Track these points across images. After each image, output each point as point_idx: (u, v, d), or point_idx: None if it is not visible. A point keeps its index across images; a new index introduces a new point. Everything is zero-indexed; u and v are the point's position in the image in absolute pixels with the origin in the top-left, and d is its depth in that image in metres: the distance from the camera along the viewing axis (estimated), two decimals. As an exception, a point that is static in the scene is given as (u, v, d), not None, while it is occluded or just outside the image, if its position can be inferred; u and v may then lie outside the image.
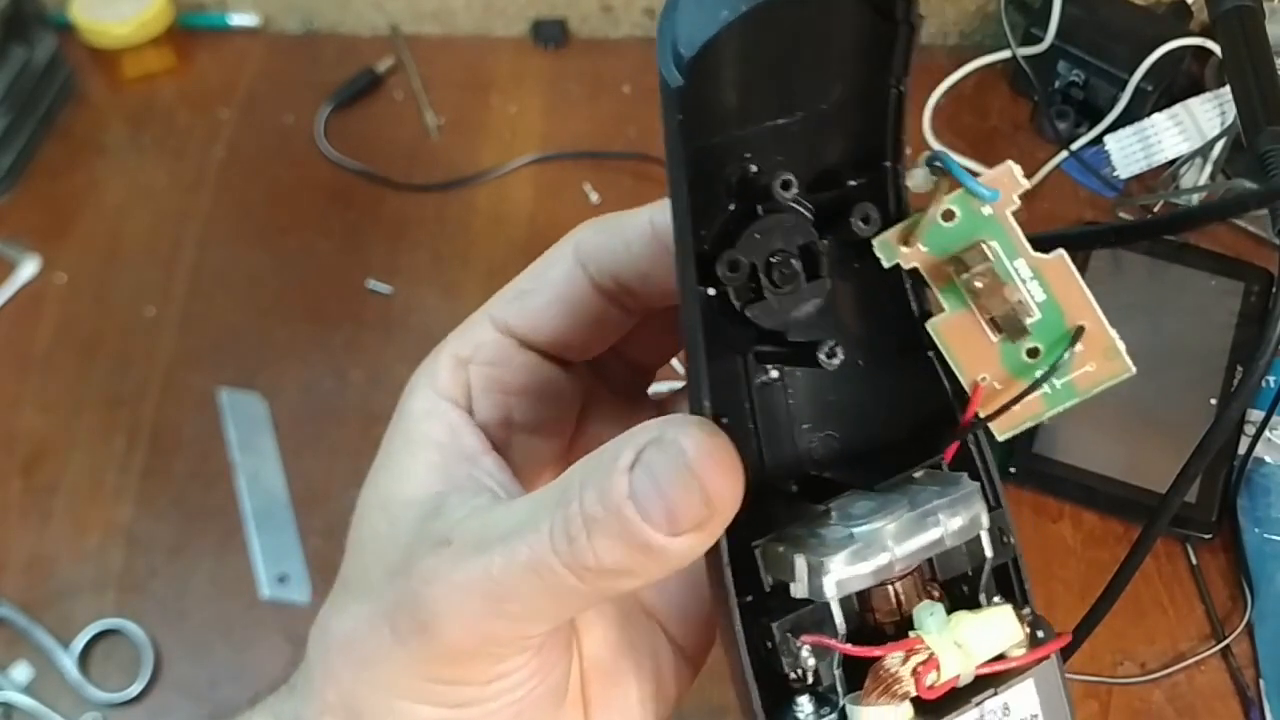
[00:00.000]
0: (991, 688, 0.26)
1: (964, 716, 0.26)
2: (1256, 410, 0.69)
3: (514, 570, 0.25)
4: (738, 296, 0.27)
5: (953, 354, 0.27)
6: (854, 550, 0.25)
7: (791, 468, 0.29)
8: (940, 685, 0.25)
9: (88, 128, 0.88)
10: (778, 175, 0.26)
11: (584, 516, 0.24)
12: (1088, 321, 0.25)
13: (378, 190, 0.84)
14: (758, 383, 0.28)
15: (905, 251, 0.26)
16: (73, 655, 0.64)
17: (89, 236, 0.82)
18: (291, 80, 0.91)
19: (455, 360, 0.31)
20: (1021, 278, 0.25)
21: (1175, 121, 0.79)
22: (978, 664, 0.26)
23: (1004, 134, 0.87)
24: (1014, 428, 0.27)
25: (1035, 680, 0.26)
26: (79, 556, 0.68)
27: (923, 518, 0.26)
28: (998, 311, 0.26)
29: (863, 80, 0.27)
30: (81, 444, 0.73)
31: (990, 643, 0.26)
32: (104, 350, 0.77)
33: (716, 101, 0.25)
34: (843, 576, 0.25)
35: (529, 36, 0.93)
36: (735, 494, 0.24)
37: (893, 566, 0.25)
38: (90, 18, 0.89)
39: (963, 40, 0.93)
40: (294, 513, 0.70)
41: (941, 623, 0.26)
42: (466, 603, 0.26)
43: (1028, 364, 0.26)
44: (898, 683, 0.25)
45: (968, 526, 0.26)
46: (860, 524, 0.26)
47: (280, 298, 0.79)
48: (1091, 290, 0.25)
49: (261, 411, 0.74)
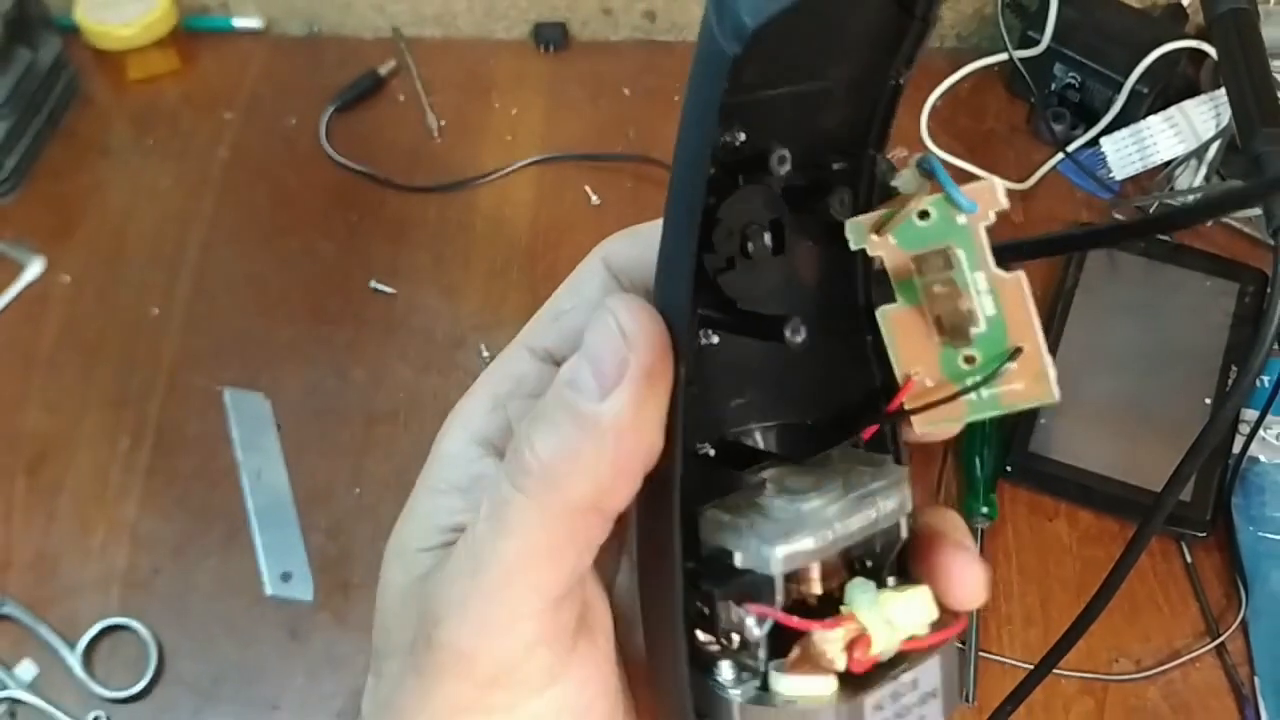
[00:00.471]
0: (906, 663, 0.27)
1: (882, 689, 0.26)
2: (1251, 410, 0.69)
3: (485, 533, 0.26)
4: (713, 264, 0.27)
5: (894, 344, 0.28)
6: (802, 526, 0.26)
7: (711, 431, 0.29)
8: (868, 660, 0.26)
9: (92, 129, 0.89)
10: (774, 149, 0.26)
11: (525, 431, 0.25)
12: (1028, 344, 0.26)
13: (380, 191, 0.85)
14: (699, 345, 0.29)
15: (874, 240, 0.27)
16: (77, 653, 0.64)
17: (93, 237, 0.83)
18: (295, 82, 0.91)
19: (493, 399, 0.30)
20: (978, 289, 0.26)
21: (1171, 123, 0.80)
22: (901, 641, 0.26)
23: (1000, 136, 0.87)
24: (934, 426, 0.28)
25: (941, 659, 0.27)
26: (84, 555, 0.69)
27: (861, 499, 0.27)
28: (947, 316, 0.26)
29: (866, 67, 0.27)
30: (86, 443, 0.73)
31: (913, 621, 0.27)
32: (108, 350, 0.77)
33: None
34: (791, 551, 0.26)
35: (530, 39, 0.94)
36: (656, 336, 0.25)
37: (835, 545, 0.26)
38: (95, 20, 0.89)
39: (960, 43, 0.93)
40: (297, 511, 0.70)
41: (872, 600, 0.27)
42: (466, 601, 0.26)
43: (962, 370, 0.27)
44: (828, 656, 0.26)
45: (896, 509, 0.27)
46: (803, 501, 0.27)
47: (283, 298, 0.80)
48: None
49: (265, 411, 0.74)
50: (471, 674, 0.26)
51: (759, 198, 0.27)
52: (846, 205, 0.27)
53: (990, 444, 0.69)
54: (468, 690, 0.27)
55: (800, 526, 0.26)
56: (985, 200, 0.26)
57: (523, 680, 0.27)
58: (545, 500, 0.25)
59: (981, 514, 0.67)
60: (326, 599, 0.67)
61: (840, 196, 0.27)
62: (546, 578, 0.26)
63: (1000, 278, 0.26)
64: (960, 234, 0.26)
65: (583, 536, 0.26)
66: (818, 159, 0.28)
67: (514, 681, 0.27)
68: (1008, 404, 0.26)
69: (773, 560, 0.26)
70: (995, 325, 0.26)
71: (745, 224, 0.27)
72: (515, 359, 0.30)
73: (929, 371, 0.27)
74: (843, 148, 0.28)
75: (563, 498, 0.25)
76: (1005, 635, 0.65)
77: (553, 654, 0.27)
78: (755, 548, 0.26)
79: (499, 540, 0.26)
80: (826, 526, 0.26)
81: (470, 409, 0.30)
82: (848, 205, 0.27)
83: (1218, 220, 0.80)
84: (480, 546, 0.26)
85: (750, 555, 0.26)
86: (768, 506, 0.27)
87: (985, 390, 0.27)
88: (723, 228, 0.27)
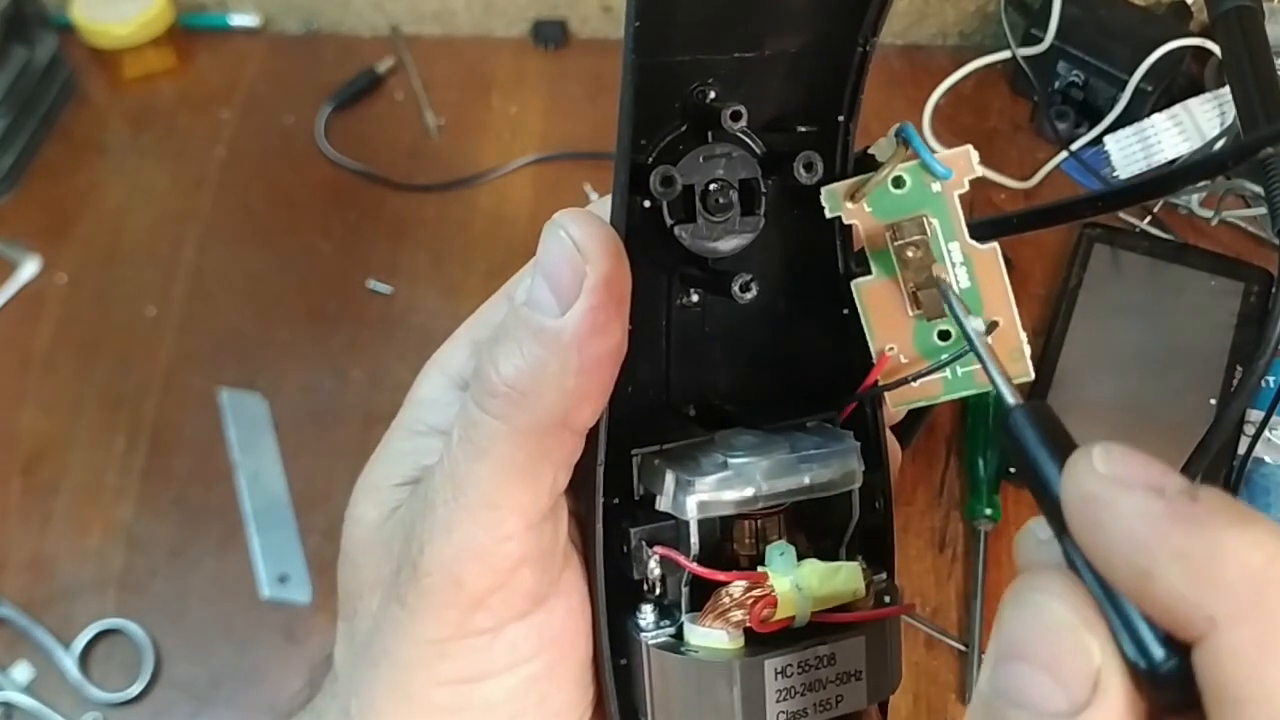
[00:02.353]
0: (822, 636, 0.27)
1: (789, 655, 0.26)
2: (1256, 410, 0.69)
3: (460, 457, 0.26)
4: (670, 214, 0.28)
5: (869, 318, 0.27)
6: (723, 477, 0.27)
7: (694, 393, 0.30)
8: (774, 623, 0.26)
9: (88, 128, 0.88)
10: (729, 105, 0.27)
11: (488, 354, 0.26)
12: (1003, 318, 0.26)
13: (378, 190, 0.84)
14: (678, 303, 0.29)
15: (849, 207, 0.27)
16: (73, 655, 0.64)
17: (90, 237, 0.82)
18: (292, 81, 0.91)
19: (471, 345, 0.31)
20: (952, 260, 0.26)
21: (1175, 122, 0.80)
22: (813, 610, 0.27)
23: (1004, 134, 0.87)
24: (909, 404, 0.28)
25: (867, 640, 0.27)
26: (80, 556, 0.68)
27: (796, 462, 0.27)
28: (922, 287, 0.26)
29: (834, 33, 0.27)
30: (82, 444, 0.73)
31: (829, 593, 0.27)
32: (105, 350, 0.77)
33: (684, 21, 0.26)
34: (705, 499, 0.26)
35: (529, 37, 0.94)
36: (610, 245, 0.25)
37: (755, 500, 0.27)
38: (91, 18, 0.89)
39: (963, 41, 0.93)
40: (294, 512, 0.70)
41: (789, 565, 0.27)
42: (450, 524, 0.26)
43: (937, 345, 0.27)
44: (735, 611, 0.26)
45: (838, 480, 0.27)
46: (737, 455, 0.27)
47: (281, 298, 0.79)
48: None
49: (262, 411, 0.74)
50: (458, 598, 0.27)
51: (727, 157, 0.28)
52: (817, 172, 0.28)
53: (993, 445, 0.69)
54: (453, 616, 0.27)
55: (722, 477, 0.27)
56: (960, 167, 0.26)
57: (506, 602, 0.27)
58: (515, 420, 0.25)
59: (985, 515, 0.67)
60: (324, 601, 0.67)
61: (807, 161, 0.28)
62: (526, 497, 0.26)
63: (975, 248, 0.26)
64: (935, 202, 0.26)
65: (556, 453, 0.26)
66: (784, 124, 0.28)
67: (498, 603, 0.27)
68: (982, 383, 0.26)
69: (687, 505, 0.26)
70: (970, 298, 0.26)
71: (710, 180, 0.28)
72: (497, 307, 0.31)
73: (904, 347, 0.27)
74: (813, 114, 0.28)
75: (531, 416, 0.25)
76: (1008, 638, 0.64)
77: (536, 576, 0.27)
78: (673, 492, 0.27)
79: (474, 463, 0.26)
80: (750, 482, 0.27)
81: (449, 354, 0.31)
82: (818, 172, 0.28)
83: (1221, 219, 0.79)
84: (457, 470, 0.26)
85: (669, 499, 0.27)
86: (702, 459, 0.28)
87: (960, 368, 0.26)
88: (676, 177, 0.27)
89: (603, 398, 0.26)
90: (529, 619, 0.27)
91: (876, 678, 0.28)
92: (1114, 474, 0.18)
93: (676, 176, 0.27)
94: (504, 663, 0.27)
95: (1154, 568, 0.17)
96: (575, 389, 0.25)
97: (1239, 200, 0.80)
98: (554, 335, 0.25)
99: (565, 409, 0.25)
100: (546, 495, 0.26)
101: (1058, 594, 0.19)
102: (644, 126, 0.27)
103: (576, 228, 0.25)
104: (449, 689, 0.27)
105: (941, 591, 0.65)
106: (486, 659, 0.27)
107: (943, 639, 0.64)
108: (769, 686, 0.26)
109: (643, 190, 0.27)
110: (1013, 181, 0.82)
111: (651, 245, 0.28)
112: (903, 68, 0.91)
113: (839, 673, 0.27)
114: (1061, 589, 0.19)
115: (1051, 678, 0.19)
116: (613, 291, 0.25)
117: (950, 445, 0.70)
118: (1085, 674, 0.18)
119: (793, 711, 0.27)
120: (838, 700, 0.27)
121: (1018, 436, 0.21)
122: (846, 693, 0.27)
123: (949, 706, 0.62)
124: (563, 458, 0.26)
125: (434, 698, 0.27)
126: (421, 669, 0.27)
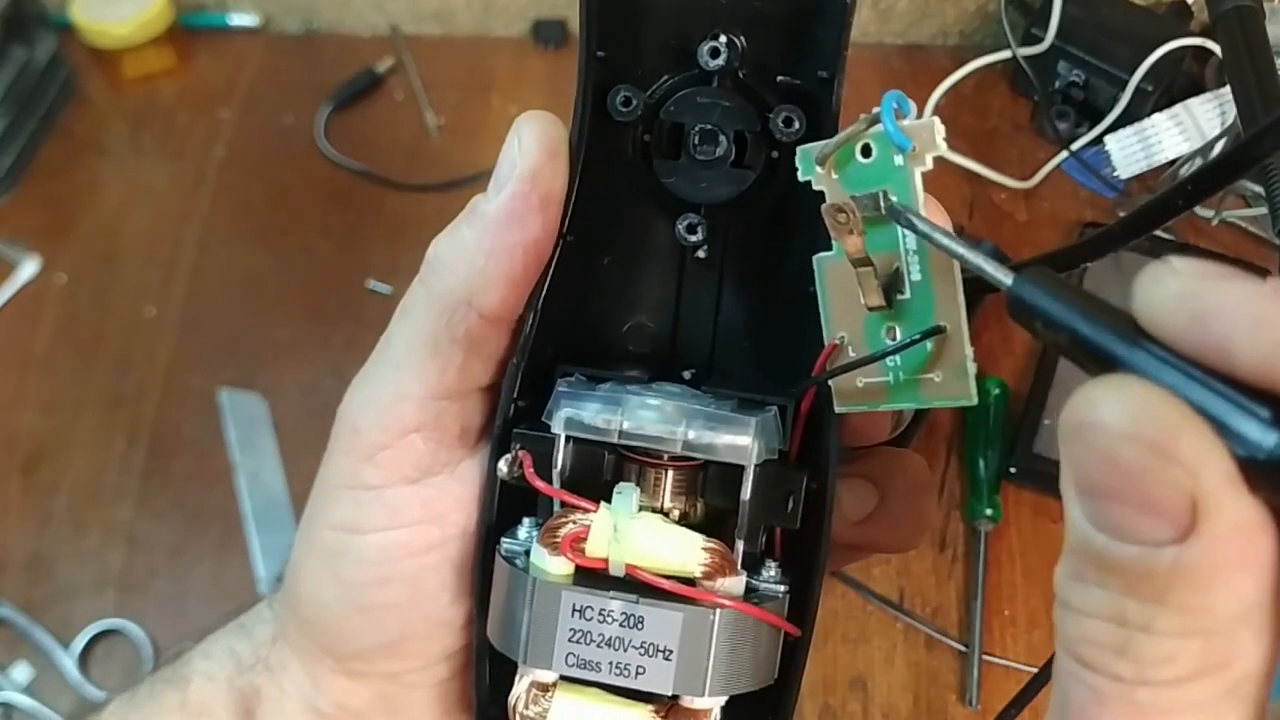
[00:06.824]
0: (635, 593, 0.26)
1: (592, 597, 0.26)
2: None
3: (393, 320, 0.29)
4: (658, 150, 0.29)
5: (827, 300, 0.27)
6: (602, 404, 0.27)
7: (654, 339, 0.31)
8: (586, 559, 0.26)
9: (88, 128, 0.88)
10: (703, 45, 0.27)
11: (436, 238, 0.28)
12: (950, 324, 0.24)
13: (378, 190, 0.84)
14: (662, 250, 0.30)
15: (819, 172, 0.26)
16: (73, 655, 0.64)
17: (89, 236, 0.82)
18: (292, 80, 0.91)
19: None
20: (906, 246, 0.25)
21: (1176, 121, 0.79)
22: (630, 563, 0.26)
23: (1004, 134, 0.87)
24: (852, 406, 0.27)
25: (685, 619, 0.26)
26: (79, 556, 0.68)
27: (682, 416, 0.27)
28: (859, 263, 0.25)
29: None
30: (82, 444, 0.73)
31: (648, 551, 0.26)
32: (104, 350, 0.77)
33: None
34: (570, 416, 0.27)
35: (529, 37, 0.93)
36: (545, 141, 0.27)
37: (612, 432, 0.27)
38: (90, 18, 0.89)
39: (963, 40, 0.93)
40: (294, 513, 0.70)
41: (625, 507, 0.26)
42: (363, 378, 0.30)
43: (885, 344, 0.26)
44: (556, 532, 0.26)
45: (720, 449, 0.27)
46: (632, 394, 0.28)
47: (280, 298, 0.79)
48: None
49: (262, 412, 0.74)
50: (354, 445, 0.29)
51: (721, 104, 0.28)
52: (796, 129, 0.28)
53: (994, 445, 0.69)
54: (348, 463, 0.30)
55: (598, 402, 0.27)
56: (922, 140, 0.24)
57: (394, 462, 0.29)
58: (430, 285, 0.28)
59: (985, 516, 0.66)
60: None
61: (785, 116, 0.28)
62: (430, 366, 0.28)
63: None
64: (896, 176, 0.25)
65: (461, 329, 0.28)
66: (765, 72, 0.29)
67: (386, 460, 0.29)
68: (926, 396, 0.25)
69: (554, 417, 0.27)
70: (922, 295, 0.25)
71: (696, 123, 0.29)
72: None
73: (854, 339, 0.26)
74: (790, 64, 0.28)
75: (442, 284, 0.28)
76: (1009, 638, 0.64)
77: (429, 449, 0.29)
78: (553, 403, 0.28)
79: (397, 323, 0.29)
80: (625, 415, 0.27)
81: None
82: (796, 129, 0.28)
83: (1222, 220, 0.79)
84: (388, 332, 0.30)
85: (548, 410, 0.28)
86: (609, 387, 0.28)
87: (903, 374, 0.25)
88: (634, 98, 0.28)
89: (511, 288, 0.28)
90: (414, 487, 0.29)
91: (692, 668, 0.26)
92: (1201, 270, 0.18)
93: (636, 98, 0.28)
94: (382, 521, 0.29)
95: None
96: (483, 269, 0.27)
97: (1239, 200, 0.80)
98: (479, 216, 0.27)
99: (471, 287, 0.27)
100: (453, 373, 0.28)
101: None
102: (634, 65, 0.29)
103: (526, 125, 0.27)
104: (333, 533, 0.30)
105: (941, 591, 0.65)
106: (367, 512, 0.29)
107: (943, 639, 0.63)
108: (562, 620, 0.26)
109: (603, 106, 0.29)
110: (1013, 181, 0.82)
111: (642, 184, 0.29)
112: (903, 67, 0.91)
113: (645, 642, 0.26)
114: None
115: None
116: (537, 184, 0.27)
117: (950, 445, 0.70)
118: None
119: (584, 659, 0.26)
120: (638, 671, 0.26)
121: (1033, 305, 0.20)
122: (650, 667, 0.26)
123: (949, 707, 0.62)
124: (472, 341, 0.28)
125: (322, 538, 0.30)
126: (319, 509, 0.30)
